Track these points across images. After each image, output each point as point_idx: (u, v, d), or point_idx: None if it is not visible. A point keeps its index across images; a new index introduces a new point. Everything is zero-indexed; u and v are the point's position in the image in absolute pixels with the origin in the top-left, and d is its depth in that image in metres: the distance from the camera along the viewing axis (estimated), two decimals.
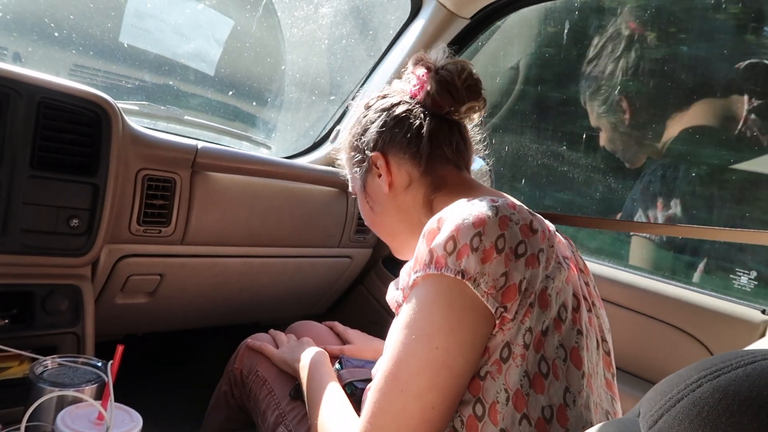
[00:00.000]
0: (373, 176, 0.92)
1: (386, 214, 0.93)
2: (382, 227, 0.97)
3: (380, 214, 0.94)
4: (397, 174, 0.89)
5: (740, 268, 1.39)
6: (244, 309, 1.68)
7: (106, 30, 1.59)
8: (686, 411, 0.33)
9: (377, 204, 0.93)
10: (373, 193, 0.93)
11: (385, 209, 0.92)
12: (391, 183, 0.90)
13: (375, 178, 0.91)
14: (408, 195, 0.90)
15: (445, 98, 0.88)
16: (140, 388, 1.23)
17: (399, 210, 0.91)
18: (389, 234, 0.97)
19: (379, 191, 0.92)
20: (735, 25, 1.62)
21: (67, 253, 1.13)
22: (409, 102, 0.91)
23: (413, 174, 0.89)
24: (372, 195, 0.94)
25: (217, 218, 1.37)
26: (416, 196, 0.89)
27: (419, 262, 0.69)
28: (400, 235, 0.94)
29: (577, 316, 0.71)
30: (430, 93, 0.89)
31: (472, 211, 0.68)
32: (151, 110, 1.49)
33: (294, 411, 1.01)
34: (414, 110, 0.90)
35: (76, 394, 0.76)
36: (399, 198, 0.90)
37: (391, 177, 0.89)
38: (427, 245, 0.69)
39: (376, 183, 0.91)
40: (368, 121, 0.93)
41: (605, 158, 1.80)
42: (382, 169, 0.90)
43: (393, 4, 1.71)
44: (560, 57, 2.00)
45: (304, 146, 1.78)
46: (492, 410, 0.65)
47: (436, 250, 0.67)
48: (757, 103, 1.49)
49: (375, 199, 0.93)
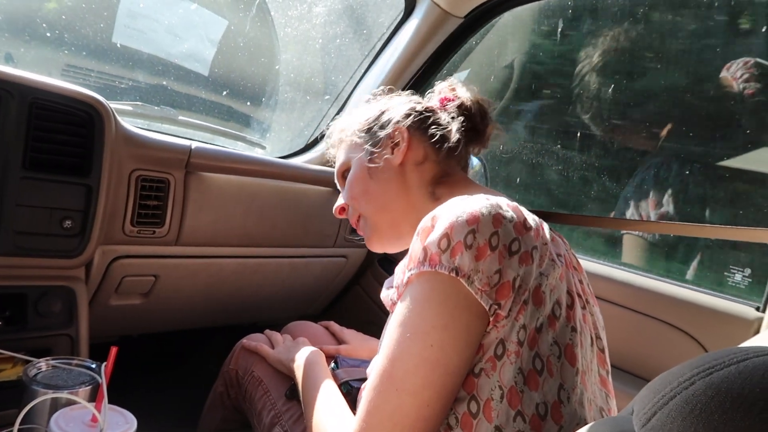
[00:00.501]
0: (386, 148, 0.93)
1: (388, 186, 0.92)
2: (375, 199, 0.94)
3: (381, 181, 0.93)
4: (415, 149, 0.92)
5: (734, 265, 1.40)
6: (239, 310, 1.68)
7: (98, 30, 1.58)
8: (679, 408, 0.33)
9: (381, 173, 0.93)
10: (379, 162, 0.93)
11: (388, 181, 0.92)
12: (406, 155, 0.91)
13: (387, 150, 0.92)
14: (416, 172, 0.91)
15: (479, 121, 0.98)
16: (135, 389, 1.22)
17: (402, 184, 0.91)
18: (380, 208, 0.94)
19: (387, 163, 0.92)
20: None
21: (61, 255, 1.13)
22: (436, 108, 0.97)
23: (430, 155, 0.92)
24: (376, 164, 0.93)
25: (212, 219, 1.36)
26: (424, 175, 0.91)
27: (413, 260, 0.69)
28: (392, 212, 0.93)
29: (571, 313, 0.71)
30: (469, 107, 0.97)
31: (466, 208, 0.68)
32: (145, 111, 1.48)
33: (290, 411, 1.01)
34: (443, 112, 0.96)
35: (69, 397, 0.76)
36: (407, 172, 0.92)
37: (408, 150, 0.91)
38: (421, 243, 0.69)
39: (385, 153, 0.92)
40: (394, 103, 0.97)
41: (600, 156, 1.81)
42: (402, 140, 0.91)
43: (387, 3, 1.71)
44: (556, 53, 2.01)
45: (298, 146, 1.78)
46: (486, 407, 0.65)
47: (430, 248, 0.67)
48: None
49: (380, 170, 0.93)
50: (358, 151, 0.97)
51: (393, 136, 0.92)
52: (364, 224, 0.98)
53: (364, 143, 0.96)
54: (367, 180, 0.94)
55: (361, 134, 0.97)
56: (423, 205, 0.89)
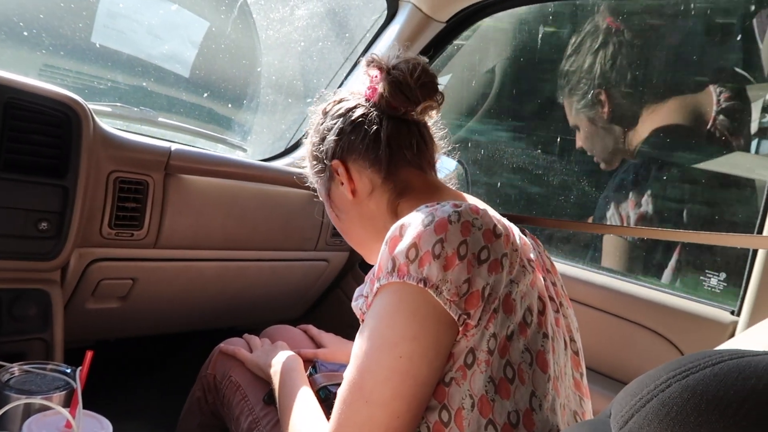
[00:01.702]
0: (336, 184, 0.90)
1: (351, 222, 0.92)
2: (349, 234, 0.96)
3: (346, 221, 0.93)
4: (358, 181, 0.87)
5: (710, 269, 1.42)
6: (219, 313, 1.66)
7: (77, 30, 1.56)
8: (656, 411, 0.34)
9: (342, 211, 0.92)
10: (338, 200, 0.92)
11: (349, 216, 0.91)
12: (353, 190, 0.88)
13: (338, 186, 0.90)
14: (371, 201, 0.88)
15: (399, 99, 0.85)
16: (111, 394, 1.21)
17: (363, 217, 0.90)
18: (357, 241, 0.96)
19: (343, 198, 0.90)
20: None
21: (36, 257, 1.11)
22: (365, 105, 0.87)
23: (375, 180, 0.87)
24: (337, 203, 0.92)
25: (192, 221, 1.35)
26: (380, 203, 0.87)
27: (382, 270, 0.69)
28: (367, 242, 0.93)
29: (542, 319, 0.71)
30: (383, 95, 0.85)
31: (435, 217, 0.67)
32: (124, 112, 1.47)
33: (268, 416, 1.00)
34: (370, 114, 0.86)
35: (43, 402, 0.74)
36: (363, 205, 0.89)
37: (353, 184, 0.87)
38: (389, 252, 0.68)
39: (340, 191, 0.90)
40: (325, 129, 0.90)
41: (580, 162, 1.83)
42: (342, 177, 0.88)
43: (369, 7, 1.71)
44: (537, 58, 2.03)
45: (280, 149, 1.77)
46: (458, 416, 0.65)
47: (398, 258, 0.66)
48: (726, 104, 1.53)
49: (340, 206, 0.92)
50: (320, 190, 0.96)
51: (335, 171, 0.88)
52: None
53: (320, 181, 0.94)
54: (336, 220, 0.95)
55: (314, 173, 0.94)
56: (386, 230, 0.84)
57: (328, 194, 0.93)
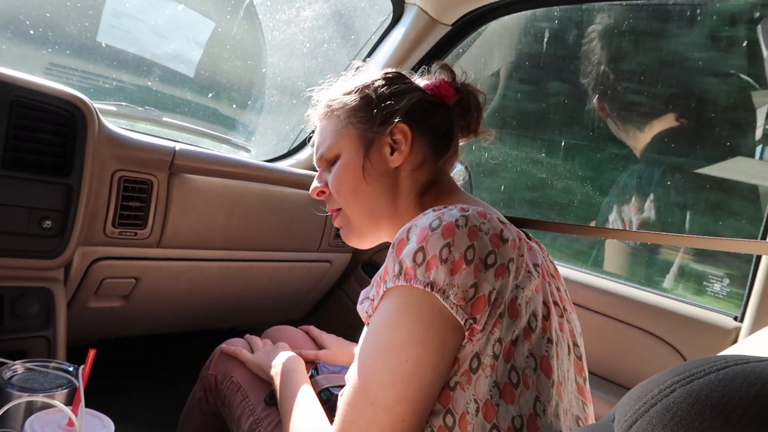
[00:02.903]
0: (382, 146, 0.85)
1: (375, 190, 0.86)
2: (364, 201, 0.87)
3: (369, 186, 0.85)
4: (414, 152, 0.85)
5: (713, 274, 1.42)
6: (221, 314, 1.66)
7: (83, 29, 1.56)
8: (660, 416, 0.34)
9: (372, 176, 0.85)
10: (375, 162, 0.85)
11: (377, 184, 0.85)
12: (404, 160, 0.85)
13: (384, 148, 0.85)
14: (410, 178, 0.86)
15: (468, 117, 0.91)
16: (113, 393, 1.21)
17: (393, 190, 0.86)
18: (368, 212, 0.88)
19: (382, 163, 0.85)
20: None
21: (39, 255, 1.11)
22: (444, 98, 0.89)
23: (427, 160, 0.86)
24: (372, 164, 0.85)
25: (195, 221, 1.35)
26: (416, 182, 0.86)
27: (389, 273, 0.69)
28: (378, 217, 0.87)
29: (547, 324, 0.71)
30: (460, 105, 0.90)
31: (442, 221, 0.67)
32: (129, 111, 1.47)
33: (269, 417, 1.00)
34: (449, 108, 0.89)
35: (45, 400, 0.74)
36: (401, 178, 0.86)
37: (407, 155, 0.85)
38: (396, 255, 0.68)
39: (382, 153, 0.85)
40: (403, 89, 0.87)
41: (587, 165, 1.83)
42: (402, 143, 0.84)
43: (375, 9, 1.71)
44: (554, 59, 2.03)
45: (283, 150, 1.77)
46: (462, 421, 0.64)
47: (405, 261, 0.66)
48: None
49: (373, 168, 0.85)
50: (351, 142, 0.87)
51: (394, 134, 0.85)
52: (345, 220, 0.91)
53: (361, 134, 0.86)
54: (359, 181, 0.86)
55: (357, 122, 0.86)
56: (408, 212, 0.86)
57: (366, 151, 0.85)
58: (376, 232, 0.90)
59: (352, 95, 0.88)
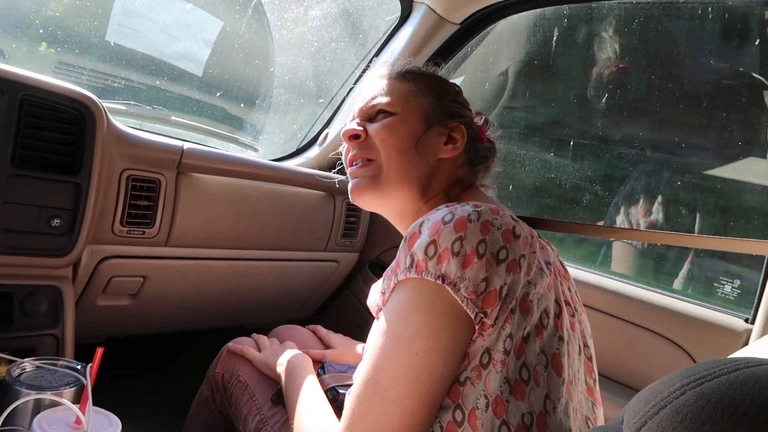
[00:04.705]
0: (441, 133, 0.90)
1: (422, 166, 0.88)
2: (405, 164, 0.87)
3: (420, 157, 0.88)
4: (462, 153, 0.91)
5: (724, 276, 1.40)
6: (228, 312, 1.66)
7: (92, 28, 1.57)
8: (669, 418, 0.33)
9: (424, 153, 0.88)
10: (430, 141, 0.88)
11: (426, 162, 0.88)
12: (453, 157, 0.90)
13: (441, 137, 0.90)
14: (449, 171, 0.90)
15: (489, 154, 0.98)
16: (120, 391, 1.21)
17: (431, 173, 0.88)
18: (403, 174, 0.87)
19: (434, 145, 0.89)
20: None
21: (48, 254, 1.11)
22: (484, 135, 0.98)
23: (465, 164, 0.93)
24: (427, 141, 0.88)
25: (203, 220, 1.35)
26: (452, 176, 0.90)
27: (400, 266, 0.69)
28: (410, 182, 0.87)
29: (558, 322, 0.70)
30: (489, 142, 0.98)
31: (454, 215, 0.67)
32: (137, 110, 1.48)
33: (276, 416, 1.00)
34: (489, 145, 0.98)
35: (53, 398, 0.75)
36: (442, 168, 0.89)
37: (457, 153, 0.90)
38: (408, 248, 0.68)
39: (438, 140, 0.89)
40: (467, 104, 0.97)
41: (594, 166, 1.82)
42: (458, 141, 0.90)
43: (383, 8, 1.71)
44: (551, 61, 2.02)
45: (291, 149, 1.77)
46: (471, 416, 0.64)
47: (416, 254, 0.67)
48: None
49: (426, 146, 0.88)
50: (417, 111, 0.89)
51: (454, 130, 0.90)
52: (373, 170, 0.88)
53: (429, 110, 0.90)
54: (411, 145, 0.87)
55: (432, 99, 0.90)
56: (434, 200, 0.88)
57: (426, 126, 0.89)
58: (392, 199, 0.89)
59: (437, 78, 0.95)
